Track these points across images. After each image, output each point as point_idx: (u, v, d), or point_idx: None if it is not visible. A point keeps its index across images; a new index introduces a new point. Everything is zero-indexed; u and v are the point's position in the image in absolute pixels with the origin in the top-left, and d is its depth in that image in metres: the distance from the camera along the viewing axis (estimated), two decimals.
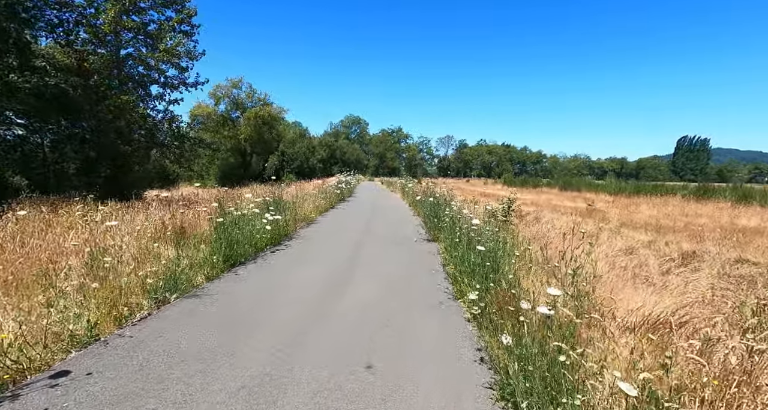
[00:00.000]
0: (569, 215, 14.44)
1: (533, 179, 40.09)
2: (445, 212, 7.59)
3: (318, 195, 12.70)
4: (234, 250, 5.25)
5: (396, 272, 5.23)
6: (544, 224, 11.31)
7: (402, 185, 20.98)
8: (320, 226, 9.25)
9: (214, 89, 40.81)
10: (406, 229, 8.91)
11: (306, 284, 4.47)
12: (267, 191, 13.93)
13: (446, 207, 7.89)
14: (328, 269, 5.17)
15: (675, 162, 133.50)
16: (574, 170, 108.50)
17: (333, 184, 16.79)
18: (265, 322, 3.34)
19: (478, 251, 4.10)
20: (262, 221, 6.18)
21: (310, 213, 10.36)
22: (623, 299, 3.45)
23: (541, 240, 7.62)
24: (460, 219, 6.77)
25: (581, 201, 23.24)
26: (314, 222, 9.78)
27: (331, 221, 10.03)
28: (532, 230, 9.71)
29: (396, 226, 9.45)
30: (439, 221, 7.66)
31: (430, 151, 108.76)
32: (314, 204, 11.48)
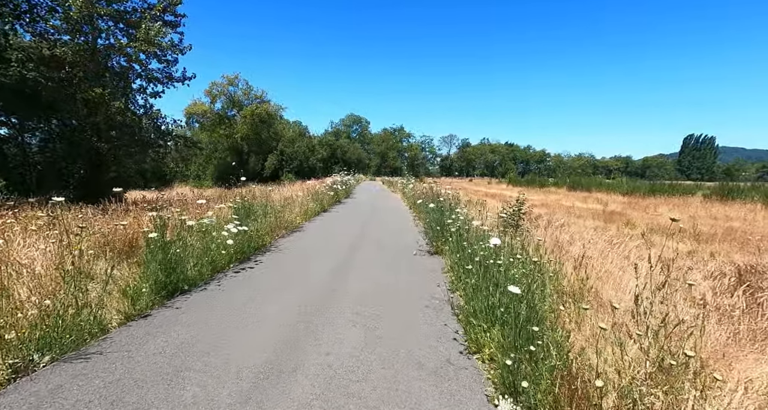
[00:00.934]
0: (586, 219, 13.12)
1: (540, 178, 38.63)
2: (452, 219, 6.31)
3: (306, 198, 11.46)
4: (175, 274, 3.99)
5: (388, 305, 3.96)
6: (561, 230, 10.04)
7: (402, 186, 19.68)
8: (305, 234, 7.98)
9: (209, 87, 39.70)
10: (405, 237, 7.63)
11: (260, 331, 3.19)
12: (249, 193, 12.74)
13: (452, 214, 6.61)
14: (296, 303, 3.89)
15: (681, 161, 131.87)
16: (578, 169, 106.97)
17: (328, 184, 15.53)
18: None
19: (504, 289, 2.82)
20: (222, 233, 4.91)
21: (296, 218, 9.09)
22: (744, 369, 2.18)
23: (562, 250, 6.33)
24: (469, 231, 5.49)
25: (593, 202, 21.90)
26: (300, 229, 8.52)
27: (319, 229, 8.74)
28: (547, 236, 8.40)
29: (393, 234, 8.18)
30: (444, 230, 6.40)
31: (433, 150, 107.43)
32: (302, 208, 10.22)
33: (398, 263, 5.71)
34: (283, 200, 11.12)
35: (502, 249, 3.80)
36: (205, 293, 4.06)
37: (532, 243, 5.81)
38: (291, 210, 9.49)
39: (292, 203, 10.61)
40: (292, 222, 8.70)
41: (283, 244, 6.82)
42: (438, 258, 6.14)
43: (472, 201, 15.65)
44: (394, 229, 8.82)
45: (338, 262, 5.58)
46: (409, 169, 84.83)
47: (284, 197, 11.74)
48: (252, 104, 39.75)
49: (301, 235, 7.84)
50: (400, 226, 9.26)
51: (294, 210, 9.50)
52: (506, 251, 3.80)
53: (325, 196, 12.50)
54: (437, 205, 7.43)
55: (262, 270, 5.07)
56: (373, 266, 5.44)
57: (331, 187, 14.96)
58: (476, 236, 5.33)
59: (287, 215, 8.87)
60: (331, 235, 7.87)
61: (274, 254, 6.06)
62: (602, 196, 23.49)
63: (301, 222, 9.33)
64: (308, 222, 9.58)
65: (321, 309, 3.74)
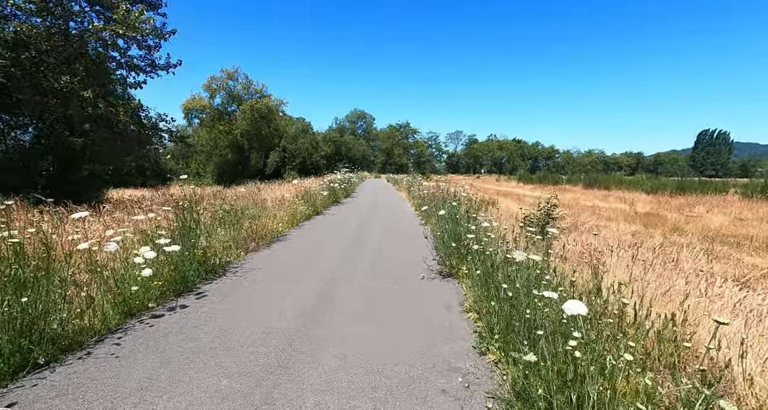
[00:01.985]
0: (618, 221, 11.45)
1: (552, 175, 36.74)
2: (471, 233, 4.75)
3: (296, 199, 9.94)
4: (32, 334, 2.47)
5: (387, 379, 2.41)
6: (590, 235, 8.46)
7: (408, 184, 18.07)
8: (285, 248, 6.45)
9: (208, 81, 38.35)
10: (410, 251, 6.08)
11: None
12: (234, 194, 11.26)
13: (469, 223, 5.04)
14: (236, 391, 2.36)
15: (694, 157, 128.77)
16: (588, 165, 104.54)
17: (323, 184, 13.98)
18: None
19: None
20: (137, 259, 3.37)
21: (278, 225, 7.57)
22: None
23: (608, 268, 4.74)
24: (496, 251, 3.94)
25: (615, 201, 20.14)
26: (282, 239, 7.00)
27: (305, 239, 7.18)
28: (573, 243, 6.79)
29: (395, 245, 6.62)
30: (462, 247, 4.83)
31: (439, 147, 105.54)
32: (289, 212, 8.70)
33: (399, 296, 4.15)
34: (272, 202, 9.61)
35: (542, 273, 2.24)
36: (76, 372, 2.50)
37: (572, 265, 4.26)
38: (274, 215, 7.96)
39: (279, 206, 9.10)
40: (273, 230, 7.17)
41: (251, 263, 5.29)
42: (453, 284, 4.58)
43: (483, 200, 14.05)
44: (396, 239, 7.26)
45: (315, 298, 4.02)
46: (415, 166, 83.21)
47: (274, 198, 10.24)
48: (252, 98, 38.27)
49: (280, 248, 6.30)
50: (403, 235, 7.69)
51: (278, 215, 7.97)
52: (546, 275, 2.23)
53: (317, 197, 10.96)
54: (450, 212, 5.85)
55: (202, 313, 3.53)
56: (363, 305, 3.87)
57: (328, 186, 13.42)
58: (498, 246, 3.81)
59: (269, 222, 7.35)
60: (317, 249, 6.33)
61: (234, 280, 4.53)
62: (624, 194, 21.70)
63: (286, 230, 7.80)
64: (295, 229, 8.05)
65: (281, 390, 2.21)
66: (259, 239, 6.47)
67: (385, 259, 5.58)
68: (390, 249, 6.26)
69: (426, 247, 6.29)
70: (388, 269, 5.06)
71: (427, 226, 8.59)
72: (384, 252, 6.02)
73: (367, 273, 4.91)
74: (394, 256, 5.79)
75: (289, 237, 7.17)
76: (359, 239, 6.93)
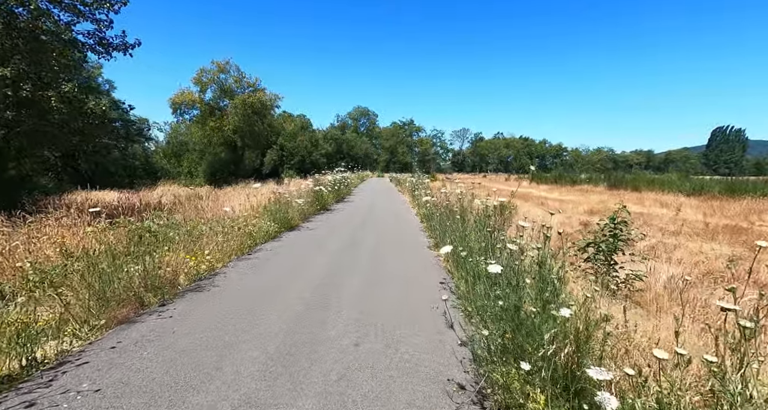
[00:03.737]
0: (686, 237, 8.68)
1: (569, 174, 33.75)
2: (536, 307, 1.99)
3: (256, 212, 7.27)
4: None
5: None
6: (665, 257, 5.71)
7: (412, 186, 15.32)
8: (220, 294, 3.79)
9: (198, 74, 35.70)
10: (420, 318, 3.39)
11: None
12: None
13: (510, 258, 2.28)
14: None
15: (707, 155, 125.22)
16: (597, 163, 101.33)
17: (308, 186, 11.26)
18: None
19: None
20: None
21: (212, 257, 4.86)
22: None
23: None
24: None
25: (653, 204, 17.29)
26: (203, 287, 4.30)
27: (243, 289, 4.45)
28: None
29: (391, 289, 3.95)
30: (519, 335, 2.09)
31: (444, 145, 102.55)
32: (240, 233, 6.01)
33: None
34: (216, 216, 6.94)
35: None
36: None
37: None
38: (210, 238, 5.28)
39: (232, 224, 6.41)
40: (194, 270, 4.47)
41: (137, 334, 2.61)
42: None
43: (501, 206, 11.36)
44: (396, 277, 4.58)
45: None
46: (420, 165, 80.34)
47: (221, 213, 7.55)
48: (245, 92, 35.64)
49: (180, 314, 3.59)
50: (407, 280, 4.95)
51: (214, 242, 5.27)
52: None
53: (290, 207, 8.24)
54: (489, 253, 3.11)
55: None
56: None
57: (312, 190, 10.70)
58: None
59: (196, 254, 4.67)
60: (274, 291, 3.63)
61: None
62: (660, 197, 18.86)
63: (223, 264, 5.09)
64: (240, 261, 5.34)
65: None
66: (156, 288, 3.77)
67: (379, 315, 2.96)
68: (385, 292, 3.59)
69: (440, 288, 3.52)
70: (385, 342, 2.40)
71: (435, 242, 5.87)
72: (377, 299, 3.35)
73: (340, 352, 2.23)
74: (394, 309, 3.18)
75: (220, 284, 4.44)
76: (330, 290, 4.18)
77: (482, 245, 3.62)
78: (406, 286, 4.32)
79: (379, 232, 7.99)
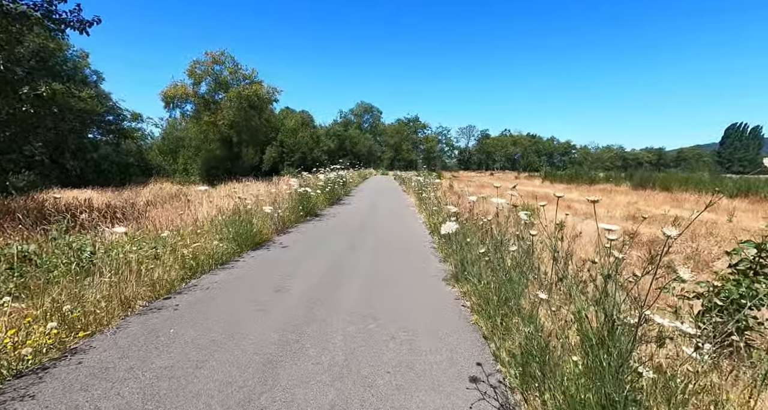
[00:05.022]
0: None
1: (587, 172, 31.36)
2: None
3: (212, 230, 5.22)
4: None
5: None
6: None
7: (418, 186, 13.20)
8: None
9: (191, 66, 33.69)
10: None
11: None
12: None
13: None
14: None
15: (721, 153, 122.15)
16: (607, 161, 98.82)
17: (289, 189, 9.16)
18: None
19: None
20: None
21: (102, 310, 2.81)
22: None
23: None
24: None
25: (694, 207, 15.08)
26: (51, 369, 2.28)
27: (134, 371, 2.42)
28: None
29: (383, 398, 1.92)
30: None
31: (450, 142, 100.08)
32: (187, 253, 3.96)
33: None
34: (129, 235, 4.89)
35: None
36: None
37: None
38: (119, 270, 3.22)
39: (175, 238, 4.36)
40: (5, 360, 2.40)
41: None
42: None
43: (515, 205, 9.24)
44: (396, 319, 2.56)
45: None
46: (425, 162, 78.09)
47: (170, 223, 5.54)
48: (240, 84, 33.61)
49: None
50: (413, 356, 2.92)
51: (124, 271, 3.22)
52: None
53: (254, 217, 6.16)
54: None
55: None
56: None
57: (296, 193, 8.60)
58: None
59: (76, 300, 2.62)
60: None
61: None
62: (699, 198, 16.61)
63: (95, 328, 3.02)
64: (129, 326, 3.27)
65: None
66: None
67: None
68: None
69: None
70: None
71: (467, 308, 3.84)
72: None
73: None
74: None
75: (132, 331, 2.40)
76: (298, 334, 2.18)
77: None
78: (415, 383, 2.28)
79: (375, 253, 5.90)
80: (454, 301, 3.84)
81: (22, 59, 22.90)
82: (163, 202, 14.32)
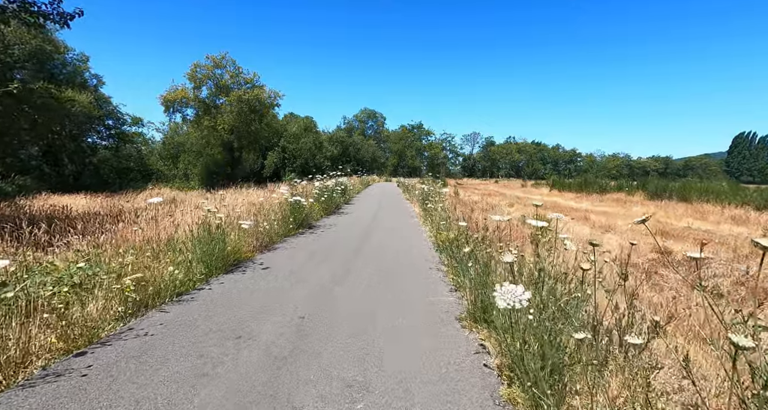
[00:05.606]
0: None
1: (597, 180, 30.23)
2: None
3: (168, 252, 4.29)
4: None
5: None
6: None
7: (422, 196, 12.25)
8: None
9: (191, 69, 33.06)
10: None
11: None
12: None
13: None
14: None
15: (729, 161, 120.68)
16: (613, 169, 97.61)
17: (276, 198, 8.22)
18: None
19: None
20: None
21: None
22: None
23: None
24: None
25: (720, 220, 13.98)
26: None
27: None
28: None
29: None
30: None
31: (454, 149, 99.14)
32: (134, 280, 3.01)
33: None
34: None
35: None
36: None
37: None
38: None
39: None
40: None
41: None
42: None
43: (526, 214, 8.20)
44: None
45: None
46: (429, 169, 77.10)
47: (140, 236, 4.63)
48: (241, 88, 32.94)
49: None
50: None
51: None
52: None
53: (232, 231, 5.19)
54: None
55: None
56: None
57: (286, 202, 7.65)
58: None
59: None
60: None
61: None
62: (725, 210, 15.52)
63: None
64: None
65: None
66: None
67: None
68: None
69: None
70: None
71: (492, 363, 2.86)
72: None
73: None
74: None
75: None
76: None
77: None
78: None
79: (371, 279, 4.93)
80: (474, 357, 2.84)
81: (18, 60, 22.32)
82: (151, 210, 13.40)
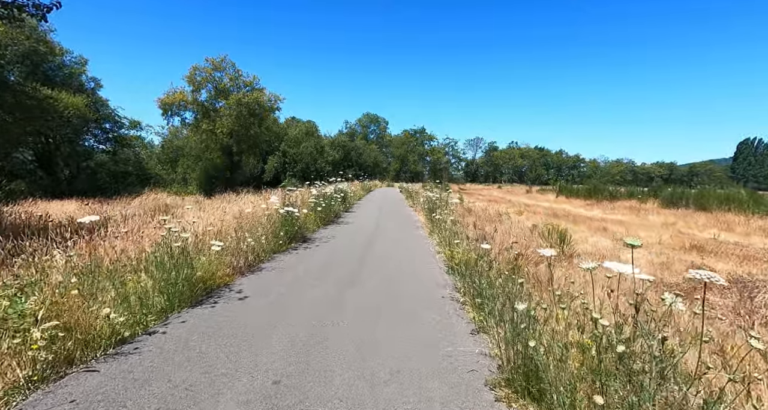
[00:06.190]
0: None
1: (607, 187, 29.22)
2: None
3: (111, 288, 3.35)
4: None
5: None
6: None
7: (428, 204, 11.31)
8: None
9: (190, 72, 32.36)
10: None
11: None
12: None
13: None
14: None
15: (735, 168, 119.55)
16: (617, 175, 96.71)
17: (265, 208, 7.31)
18: None
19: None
20: None
21: None
22: None
23: None
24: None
25: (749, 231, 12.98)
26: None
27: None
28: None
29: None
30: None
31: (457, 154, 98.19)
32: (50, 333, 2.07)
33: None
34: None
35: None
36: None
37: None
38: None
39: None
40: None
41: None
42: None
43: (539, 227, 7.36)
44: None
45: None
46: (431, 174, 76.18)
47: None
48: (240, 91, 32.20)
49: None
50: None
51: None
52: None
53: (201, 252, 4.28)
54: None
55: None
56: None
57: (276, 213, 6.74)
58: None
59: None
60: None
61: None
62: (752, 221, 14.52)
63: None
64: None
65: None
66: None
67: None
68: None
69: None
70: None
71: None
72: None
73: None
74: None
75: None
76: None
77: None
78: None
79: (371, 313, 3.99)
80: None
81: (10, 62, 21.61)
82: (140, 216, 12.51)
